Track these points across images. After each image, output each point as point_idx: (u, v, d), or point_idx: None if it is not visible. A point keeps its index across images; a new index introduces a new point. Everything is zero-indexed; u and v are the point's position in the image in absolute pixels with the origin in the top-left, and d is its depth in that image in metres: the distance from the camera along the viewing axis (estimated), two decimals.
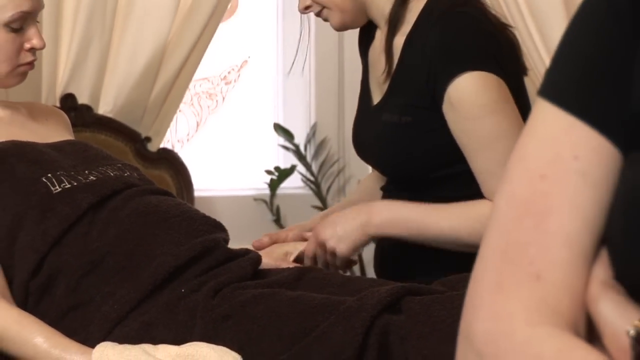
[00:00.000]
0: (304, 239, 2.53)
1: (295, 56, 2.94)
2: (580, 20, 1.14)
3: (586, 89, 1.10)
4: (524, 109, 2.41)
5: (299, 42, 2.92)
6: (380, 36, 2.50)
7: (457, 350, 1.08)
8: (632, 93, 1.06)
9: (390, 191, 2.53)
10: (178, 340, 1.98)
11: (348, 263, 2.52)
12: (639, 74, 1.07)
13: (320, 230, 2.43)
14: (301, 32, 2.97)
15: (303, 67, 3.14)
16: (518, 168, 1.11)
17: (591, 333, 1.04)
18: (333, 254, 2.42)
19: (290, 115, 3.61)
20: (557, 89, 1.12)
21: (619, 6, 1.09)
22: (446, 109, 2.32)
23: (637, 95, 1.06)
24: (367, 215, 2.42)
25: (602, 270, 1.05)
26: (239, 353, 1.94)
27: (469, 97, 2.31)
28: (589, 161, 1.07)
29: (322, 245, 2.42)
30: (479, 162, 2.33)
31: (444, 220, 2.40)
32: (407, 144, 2.40)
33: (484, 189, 2.34)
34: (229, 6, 3.28)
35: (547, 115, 1.11)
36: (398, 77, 2.42)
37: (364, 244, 2.44)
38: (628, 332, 0.96)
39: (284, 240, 2.57)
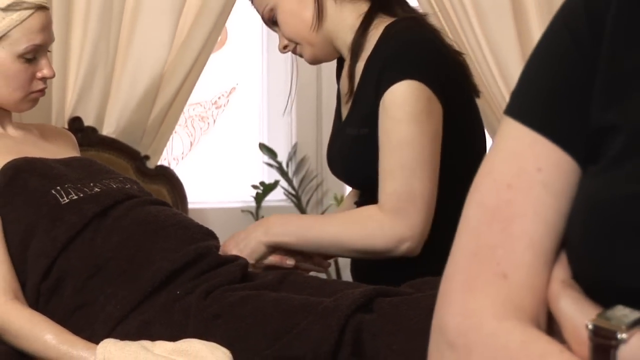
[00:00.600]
0: None
1: (289, 97, 2.91)
2: (544, 46, 1.16)
3: (549, 109, 1.10)
4: (473, 124, 2.45)
5: (291, 83, 2.89)
6: (345, 65, 2.50)
7: (430, 341, 1.08)
8: (591, 112, 1.07)
9: (361, 204, 2.50)
10: (173, 337, 1.99)
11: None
12: (597, 96, 1.08)
13: (226, 244, 2.39)
14: (292, 75, 2.93)
15: (287, 105, 3.16)
16: (486, 179, 1.11)
17: (551, 327, 1.05)
18: None
19: (273, 136, 3.59)
20: (523, 109, 1.12)
21: (579, 34, 1.10)
22: (380, 110, 2.30)
23: (595, 115, 1.07)
24: (263, 227, 2.40)
25: (562, 270, 1.07)
26: (228, 348, 1.95)
27: (398, 100, 2.27)
28: (550, 173, 1.08)
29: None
30: (386, 161, 2.29)
31: (328, 227, 2.39)
32: (366, 154, 2.36)
33: (380, 185, 2.30)
34: (219, 38, 3.26)
35: (513, 132, 1.11)
36: (358, 95, 2.42)
37: (263, 252, 2.38)
38: (587, 327, 0.97)
39: None
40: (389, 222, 2.28)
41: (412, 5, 2.58)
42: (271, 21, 2.50)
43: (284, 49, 2.54)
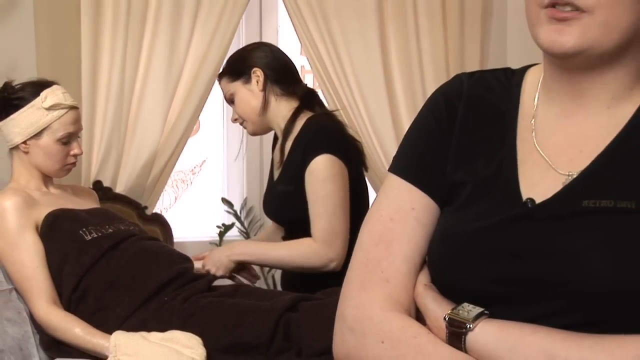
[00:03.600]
0: None
1: (238, 153, 2.90)
2: (415, 126, 1.14)
3: (419, 168, 1.10)
4: (361, 188, 2.40)
5: (239, 150, 2.91)
6: (278, 142, 2.46)
7: (335, 327, 1.06)
8: (447, 172, 1.08)
9: (286, 237, 2.46)
10: (163, 330, 1.99)
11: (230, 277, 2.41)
12: (451, 161, 1.08)
13: (205, 260, 2.35)
14: (240, 146, 2.99)
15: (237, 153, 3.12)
16: (375, 214, 1.09)
17: (418, 317, 1.05)
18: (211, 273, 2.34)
19: (231, 192, 3.48)
20: (402, 168, 1.11)
21: (440, 119, 1.11)
22: (306, 175, 2.27)
23: (450, 173, 1.08)
24: (230, 250, 2.36)
25: (425, 276, 1.07)
26: (200, 337, 1.95)
27: (320, 167, 2.25)
28: (420, 211, 1.08)
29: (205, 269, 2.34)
30: (314, 208, 2.26)
31: (279, 250, 2.33)
32: (291, 203, 2.35)
33: (312, 224, 2.27)
34: (194, 127, 3.20)
35: (394, 183, 1.10)
36: (287, 163, 2.37)
37: (231, 267, 2.34)
38: (444, 318, 0.98)
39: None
40: (321, 249, 2.26)
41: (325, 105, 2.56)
42: (230, 101, 2.47)
43: (234, 121, 2.50)
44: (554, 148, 1.03)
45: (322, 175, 2.26)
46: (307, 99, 2.45)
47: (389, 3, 3.16)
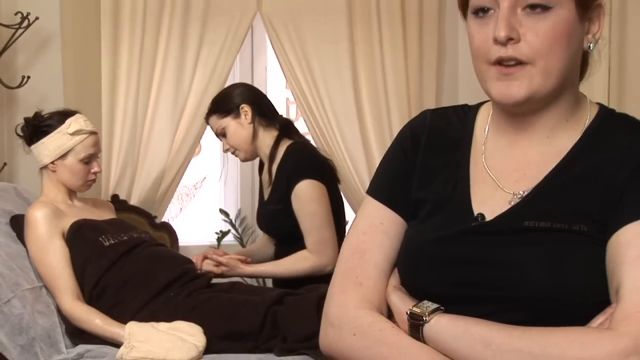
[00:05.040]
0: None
1: (220, 175, 2.90)
2: (387, 154, 1.14)
3: (387, 189, 1.09)
4: (337, 197, 2.38)
5: (220, 173, 2.85)
6: (265, 166, 2.44)
7: (321, 323, 1.06)
8: (412, 191, 1.07)
9: (278, 248, 2.46)
10: (169, 320, 1.98)
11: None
12: (415, 182, 1.08)
13: (225, 270, 2.33)
14: (222, 169, 2.94)
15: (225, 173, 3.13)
16: (353, 230, 1.09)
17: (389, 314, 1.04)
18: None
19: (228, 204, 3.42)
20: (373, 189, 1.11)
21: (406, 148, 1.10)
22: (292, 198, 2.27)
23: (414, 193, 1.07)
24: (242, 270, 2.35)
25: (394, 279, 1.06)
26: (201, 327, 1.94)
27: (304, 191, 2.26)
28: (388, 225, 1.07)
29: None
30: (304, 225, 2.27)
31: (285, 264, 2.32)
32: (280, 220, 2.34)
33: (305, 239, 2.27)
34: (196, 149, 3.16)
35: (368, 203, 1.09)
36: (274, 185, 2.36)
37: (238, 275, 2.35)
38: (407, 313, 0.99)
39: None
40: (316, 259, 2.26)
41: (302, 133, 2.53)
42: (221, 135, 2.42)
43: (225, 151, 2.47)
44: (501, 171, 1.03)
45: (305, 197, 2.26)
46: (285, 128, 2.42)
47: (360, 49, 3.16)
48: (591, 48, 1.00)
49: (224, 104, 2.42)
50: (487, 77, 0.98)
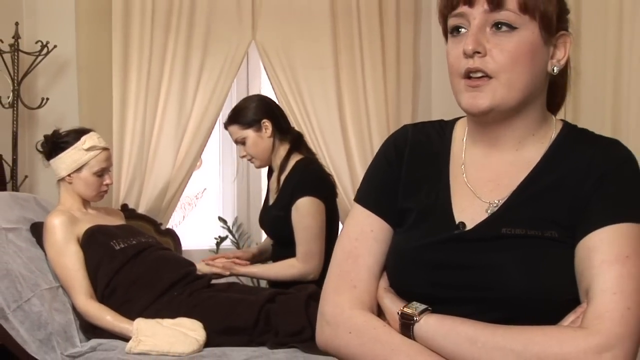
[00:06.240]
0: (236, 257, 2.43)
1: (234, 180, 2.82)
2: (372, 165, 1.11)
3: (376, 198, 1.07)
4: (334, 214, 2.35)
5: (234, 178, 2.84)
6: (275, 173, 2.40)
7: (317, 321, 1.03)
8: (398, 200, 1.05)
9: (275, 247, 2.44)
10: (173, 317, 1.98)
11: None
12: (401, 192, 1.06)
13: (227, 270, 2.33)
14: (235, 175, 2.92)
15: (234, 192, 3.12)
16: (344, 236, 1.06)
17: (380, 312, 1.03)
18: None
19: (226, 212, 3.37)
20: (363, 198, 1.08)
21: (390, 159, 1.08)
22: (293, 210, 2.25)
23: (400, 202, 1.05)
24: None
25: (384, 282, 1.04)
26: (202, 322, 1.94)
27: (304, 206, 2.24)
28: (378, 232, 1.05)
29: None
30: (297, 236, 2.25)
31: (275, 269, 2.32)
32: (281, 225, 2.30)
33: (297, 247, 2.26)
34: (197, 163, 3.12)
35: (358, 211, 1.07)
36: (280, 193, 2.32)
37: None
38: (398, 313, 0.97)
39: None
40: (302, 267, 2.24)
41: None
42: (241, 143, 2.37)
43: (242, 157, 2.42)
44: (478, 182, 1.02)
45: (304, 211, 2.24)
46: (297, 142, 2.40)
47: (344, 73, 3.14)
48: (555, 71, 1.00)
49: (245, 116, 2.36)
50: (458, 89, 0.99)
